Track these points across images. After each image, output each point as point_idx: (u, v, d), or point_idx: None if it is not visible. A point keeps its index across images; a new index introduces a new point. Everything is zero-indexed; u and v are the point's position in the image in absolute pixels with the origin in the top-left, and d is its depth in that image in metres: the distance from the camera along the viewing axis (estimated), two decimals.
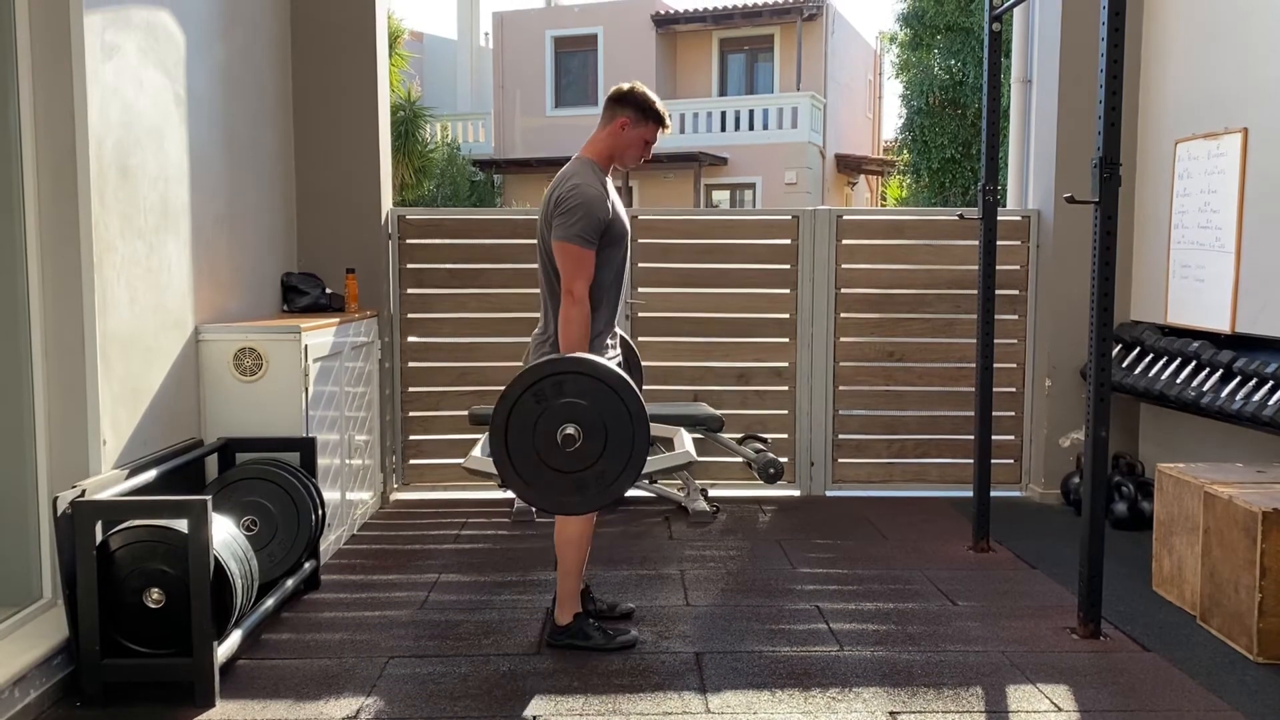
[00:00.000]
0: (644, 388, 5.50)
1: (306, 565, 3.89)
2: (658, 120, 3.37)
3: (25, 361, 3.16)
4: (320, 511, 3.90)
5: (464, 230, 5.53)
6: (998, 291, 4.59)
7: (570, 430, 2.90)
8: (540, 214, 3.34)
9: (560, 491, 2.97)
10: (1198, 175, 4.76)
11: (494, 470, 3.04)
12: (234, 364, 3.96)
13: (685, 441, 3.48)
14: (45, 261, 3.17)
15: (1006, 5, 4.30)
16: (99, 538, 2.97)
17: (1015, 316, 5.55)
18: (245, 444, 3.93)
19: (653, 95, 3.39)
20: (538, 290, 5.40)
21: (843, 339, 5.55)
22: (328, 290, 4.92)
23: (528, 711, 2.96)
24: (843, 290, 5.53)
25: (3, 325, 3.12)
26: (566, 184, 3.25)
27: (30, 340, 3.16)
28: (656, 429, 3.21)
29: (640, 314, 5.51)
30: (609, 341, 3.37)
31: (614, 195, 3.34)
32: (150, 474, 3.37)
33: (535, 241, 5.73)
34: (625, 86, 3.39)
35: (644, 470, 3.08)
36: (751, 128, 20.88)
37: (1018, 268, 5.53)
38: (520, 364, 4.19)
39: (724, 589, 4.03)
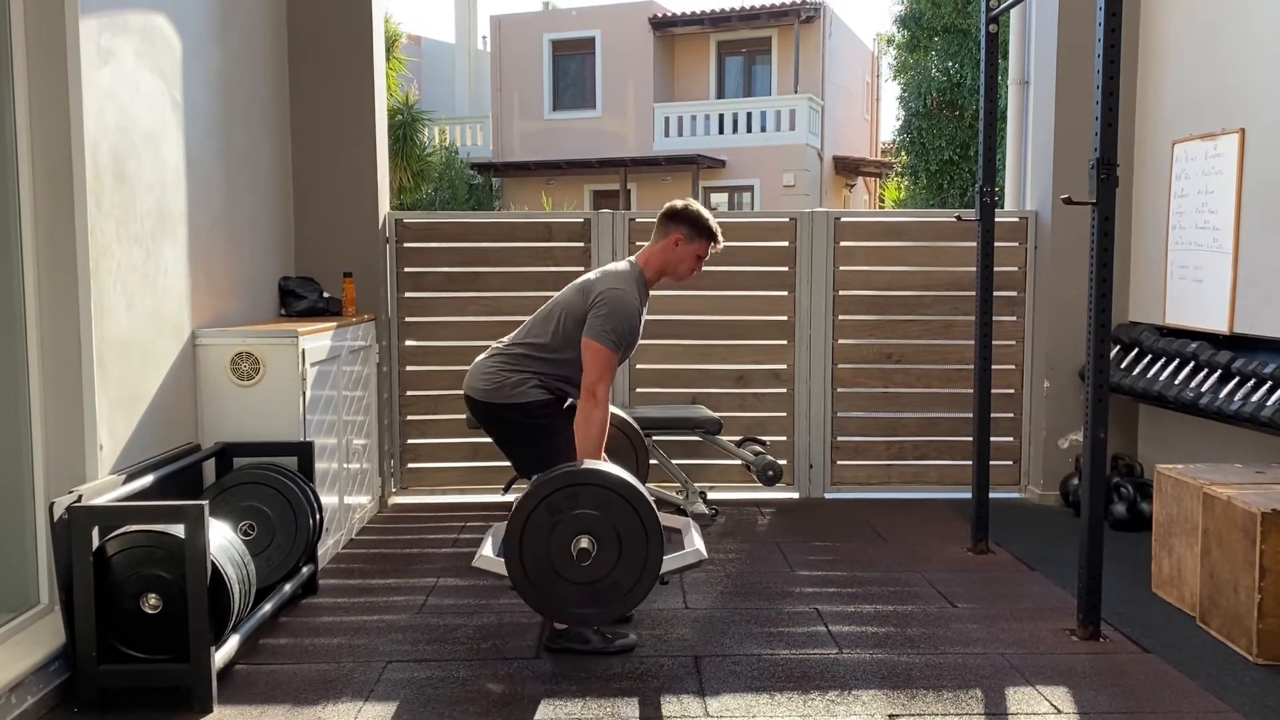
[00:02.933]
0: (643, 390, 5.53)
1: (304, 570, 3.88)
2: (710, 236, 3.45)
3: (22, 367, 3.16)
4: (318, 516, 3.89)
5: (462, 234, 5.53)
6: (996, 293, 4.59)
7: (585, 544, 2.91)
8: (578, 284, 3.43)
9: (575, 603, 2.98)
10: (1195, 176, 4.76)
11: (505, 572, 3.06)
12: (231, 368, 3.95)
13: (695, 539, 3.52)
14: (42, 267, 3.17)
15: (1003, 6, 4.30)
16: (96, 543, 2.96)
17: (1013, 318, 5.54)
18: (243, 449, 3.92)
19: (706, 213, 3.46)
20: (536, 294, 5.45)
21: (841, 341, 5.54)
22: (325, 294, 4.92)
23: (527, 715, 2.95)
24: (841, 292, 5.52)
25: (0, 331, 3.12)
26: (612, 283, 3.33)
27: (27, 346, 3.16)
28: (664, 519, 3.27)
29: None
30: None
31: (645, 309, 3.45)
32: (147, 479, 3.36)
33: (533, 244, 5.70)
34: (679, 204, 3.47)
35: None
36: (749, 130, 20.91)
37: (1016, 269, 5.53)
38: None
39: (723, 592, 4.02)
